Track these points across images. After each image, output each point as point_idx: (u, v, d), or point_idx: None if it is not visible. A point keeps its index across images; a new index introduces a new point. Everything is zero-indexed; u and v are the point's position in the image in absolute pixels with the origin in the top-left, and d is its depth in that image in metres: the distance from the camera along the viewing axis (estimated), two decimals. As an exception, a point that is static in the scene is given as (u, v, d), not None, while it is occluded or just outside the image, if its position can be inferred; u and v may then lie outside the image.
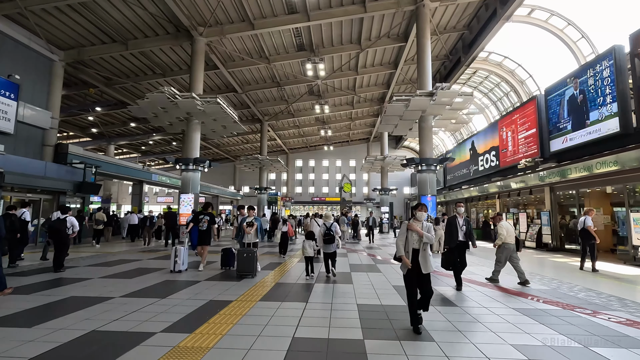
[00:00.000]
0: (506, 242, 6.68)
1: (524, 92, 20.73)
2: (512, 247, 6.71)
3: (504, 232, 6.67)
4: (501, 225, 6.81)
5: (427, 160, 14.80)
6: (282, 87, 23.65)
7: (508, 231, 6.69)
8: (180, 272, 7.74)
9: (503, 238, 6.68)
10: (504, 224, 6.82)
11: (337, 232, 7.20)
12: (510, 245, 6.70)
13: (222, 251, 8.52)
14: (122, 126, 28.20)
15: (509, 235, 6.69)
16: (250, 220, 7.62)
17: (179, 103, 13.93)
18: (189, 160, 15.46)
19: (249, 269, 7.20)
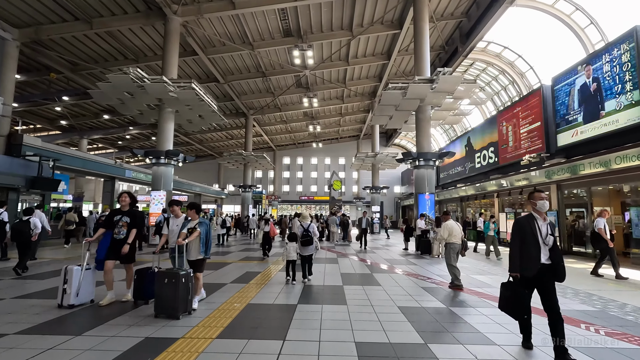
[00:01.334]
0: (451, 242, 6.49)
1: (524, 85, 19.67)
2: (457, 247, 6.50)
3: (445, 233, 6.50)
4: (444, 225, 6.62)
5: (425, 155, 13.48)
6: (268, 77, 22.06)
7: (452, 231, 6.49)
8: (72, 308, 4.77)
9: (443, 238, 6.55)
10: (448, 223, 6.61)
11: (314, 233, 6.77)
12: (456, 245, 6.49)
13: (136, 274, 5.12)
14: (94, 118, 26.11)
15: (453, 236, 6.47)
16: (193, 225, 4.86)
17: (147, 87, 12.25)
18: (159, 153, 13.77)
19: (172, 307, 4.35)
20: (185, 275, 4.45)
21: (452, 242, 6.47)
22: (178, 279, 4.36)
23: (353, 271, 8.34)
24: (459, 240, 6.51)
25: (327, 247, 14.63)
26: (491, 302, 5.41)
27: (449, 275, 7.59)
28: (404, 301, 5.40)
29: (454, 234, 6.47)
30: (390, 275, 7.82)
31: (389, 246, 15.51)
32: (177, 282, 4.36)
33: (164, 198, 13.87)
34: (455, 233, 6.49)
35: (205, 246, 4.91)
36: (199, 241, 4.83)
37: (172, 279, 4.38)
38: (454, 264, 6.49)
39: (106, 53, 17.95)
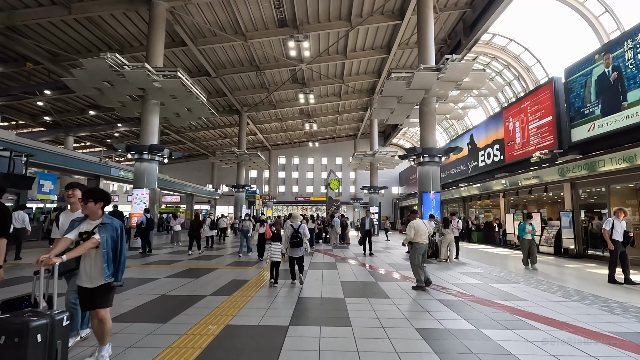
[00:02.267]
0: (416, 242, 6.29)
1: (530, 79, 18.80)
2: (424, 247, 6.33)
3: (412, 233, 6.29)
4: (410, 225, 6.42)
5: (430, 151, 12.49)
6: (262, 71, 21.01)
7: (418, 230, 6.31)
8: None
9: (410, 238, 6.34)
10: (414, 222, 6.40)
11: (305, 234, 6.42)
12: (422, 245, 6.31)
13: None
14: (79, 114, 24.87)
15: (419, 235, 6.28)
16: (92, 227, 2.93)
17: (127, 75, 11.15)
18: (142, 147, 12.67)
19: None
20: (52, 326, 2.39)
21: (418, 242, 6.26)
22: (26, 336, 2.22)
23: (354, 279, 7.30)
24: (425, 240, 6.33)
25: (325, 250, 13.59)
26: (528, 320, 4.39)
27: (466, 284, 6.62)
28: (422, 320, 4.37)
29: (420, 234, 6.28)
30: (398, 284, 6.79)
31: (389, 249, 14.50)
32: (22, 343, 2.22)
33: (147, 197, 12.76)
34: (422, 233, 6.30)
35: (115, 265, 2.96)
36: (100, 257, 2.87)
37: (13, 337, 2.22)
38: (417, 264, 6.26)
39: (88, 42, 16.80)
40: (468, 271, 8.57)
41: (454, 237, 10.53)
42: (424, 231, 6.31)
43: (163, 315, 4.36)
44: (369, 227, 12.12)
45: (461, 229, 11.07)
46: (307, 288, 6.24)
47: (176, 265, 8.99)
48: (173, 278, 7.03)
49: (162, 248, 13.36)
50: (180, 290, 5.92)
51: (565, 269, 9.57)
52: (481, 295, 5.83)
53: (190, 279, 6.91)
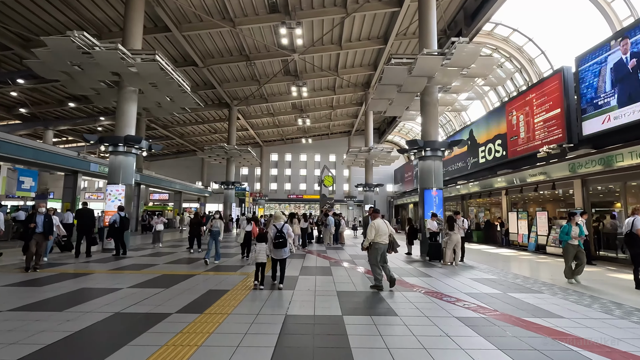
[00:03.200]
0: (376, 242, 6.14)
1: (533, 72, 17.97)
2: (382, 247, 6.18)
3: (372, 232, 6.13)
4: (371, 224, 6.27)
5: (432, 144, 11.53)
6: (252, 61, 19.84)
7: (378, 230, 6.15)
8: None
9: (370, 238, 6.15)
10: (375, 222, 6.25)
11: (289, 234, 6.17)
12: (380, 245, 6.16)
13: None
14: (58, 106, 23.43)
15: (379, 235, 6.14)
16: None
17: (97, 57, 9.96)
18: (117, 139, 11.48)
19: None
20: None
21: (378, 242, 6.13)
22: None
23: (353, 288, 6.28)
24: (385, 240, 6.19)
25: (318, 251, 12.58)
26: (579, 349, 3.42)
27: (483, 295, 5.67)
28: (446, 352, 3.37)
29: (380, 234, 6.13)
30: (404, 294, 5.79)
31: (388, 250, 13.54)
32: None
33: (122, 193, 11.58)
34: (382, 233, 6.15)
35: None
36: None
37: None
38: (375, 264, 6.17)
39: (63, 27, 15.43)
40: (479, 276, 7.63)
41: (460, 237, 9.59)
42: (384, 231, 6.18)
43: (100, 350, 3.28)
44: None
45: (467, 228, 10.13)
46: (297, 301, 5.22)
47: (149, 270, 7.88)
48: (139, 288, 5.94)
49: (142, 249, 12.20)
50: (141, 305, 4.85)
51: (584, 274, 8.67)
52: (505, 310, 4.86)
53: (159, 289, 5.83)
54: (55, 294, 5.40)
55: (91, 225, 10.09)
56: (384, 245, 6.18)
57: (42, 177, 27.06)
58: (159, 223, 12.74)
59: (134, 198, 26.52)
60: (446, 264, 9.53)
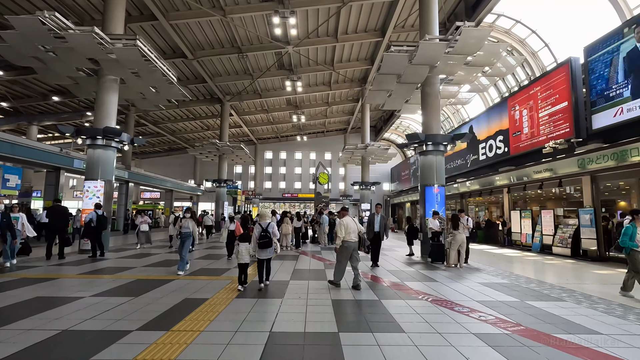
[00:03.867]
0: (345, 241, 6.06)
1: (536, 65, 17.35)
2: (352, 245, 6.11)
3: (342, 231, 6.05)
4: (340, 222, 6.19)
5: (434, 138, 10.82)
6: (245, 54, 19.00)
7: (347, 228, 6.08)
8: None
9: (341, 236, 6.04)
10: (344, 220, 6.17)
11: (274, 233, 6.00)
12: (350, 243, 6.09)
13: None
14: (41, 100, 22.41)
15: (348, 233, 6.06)
16: None
17: (70, 40, 9.11)
18: (95, 131, 10.63)
19: None
20: None
21: (347, 240, 6.06)
22: None
23: (350, 296, 5.53)
24: (354, 238, 6.11)
25: (312, 252, 11.83)
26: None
27: (498, 303, 4.96)
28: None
29: (349, 232, 6.08)
30: (409, 303, 5.06)
31: (386, 250, 12.82)
32: None
33: (101, 190, 10.74)
34: (351, 231, 6.09)
35: None
36: None
37: None
38: (344, 262, 6.15)
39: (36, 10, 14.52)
40: (488, 281, 6.92)
41: (465, 237, 8.90)
42: (353, 229, 6.12)
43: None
44: (380, 228, 8.33)
45: (472, 227, 9.44)
46: (285, 314, 4.46)
47: (123, 275, 7.08)
48: (103, 297, 5.15)
49: (123, 250, 11.37)
50: (97, 320, 4.06)
51: (601, 277, 8.01)
52: (530, 323, 4.14)
53: (127, 299, 5.04)
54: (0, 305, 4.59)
55: (64, 224, 9.23)
56: (353, 243, 6.09)
57: (26, 175, 26.05)
58: (144, 223, 11.87)
59: (121, 196, 25.71)
60: (450, 266, 8.82)
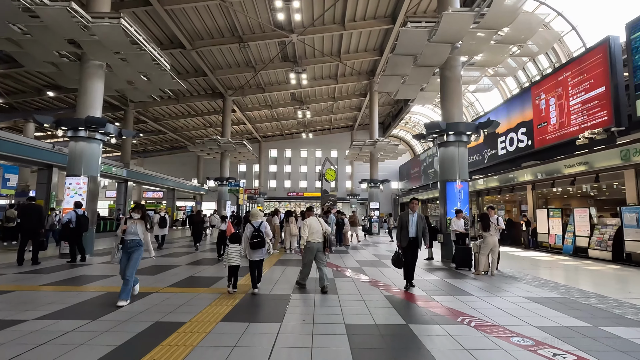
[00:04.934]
0: (308, 241, 5.86)
1: (562, 52, 15.96)
2: (316, 245, 5.86)
3: (306, 231, 5.86)
4: (304, 222, 6.00)
5: (456, 127, 9.58)
6: (246, 43, 17.88)
7: (311, 228, 5.89)
8: None
9: (305, 237, 5.85)
10: (307, 220, 5.99)
11: (267, 233, 5.59)
12: (313, 244, 5.86)
13: None
14: (36, 96, 21.55)
15: (312, 234, 5.87)
16: None
17: (43, 16, 8.02)
18: (76, 121, 9.58)
19: None
20: None
21: (310, 240, 5.91)
22: None
23: (370, 319, 4.30)
24: (317, 238, 5.93)
25: (318, 255, 10.64)
26: None
27: (570, 332, 3.70)
28: None
29: (313, 232, 5.93)
30: (447, 330, 3.84)
31: (400, 253, 11.60)
32: None
33: (84, 187, 9.67)
34: (314, 231, 5.94)
35: None
36: None
37: None
38: (308, 264, 5.98)
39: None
40: (534, 294, 5.68)
41: (497, 240, 7.65)
42: (317, 229, 5.95)
43: None
44: (418, 232, 5.93)
45: (504, 228, 8.18)
46: (284, 349, 3.28)
47: (94, 286, 5.97)
48: (52, 320, 4.01)
49: (106, 255, 10.28)
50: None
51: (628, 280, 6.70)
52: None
53: (80, 323, 3.90)
54: None
55: (38, 225, 8.16)
56: (317, 244, 5.89)
57: (24, 174, 25.28)
58: None
59: (120, 195, 24.81)
60: (480, 273, 7.57)
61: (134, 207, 5.10)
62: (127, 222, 4.98)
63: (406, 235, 5.92)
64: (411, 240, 5.92)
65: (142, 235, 4.96)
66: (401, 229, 6.03)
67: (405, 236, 5.94)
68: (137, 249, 4.91)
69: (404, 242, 5.95)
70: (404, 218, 6.01)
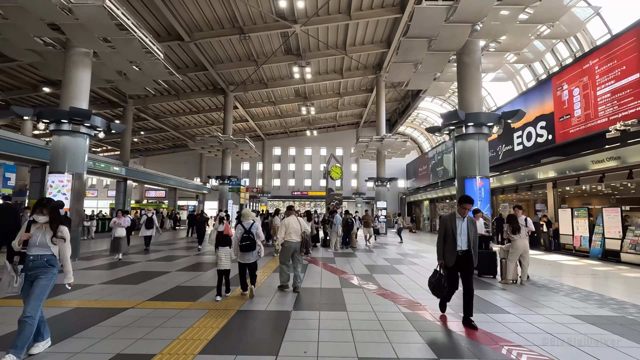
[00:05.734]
0: (286, 241, 5.81)
1: (584, 39, 14.88)
2: (293, 245, 5.84)
3: (282, 231, 5.80)
4: (282, 222, 5.95)
5: (476, 117, 8.65)
6: (247, 35, 17.00)
7: (288, 228, 5.82)
8: None
9: (281, 237, 5.77)
10: (285, 220, 5.93)
11: (258, 235, 5.38)
12: (291, 244, 5.83)
13: None
14: (33, 92, 20.91)
15: (289, 233, 5.81)
16: None
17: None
18: (59, 113, 8.79)
19: None
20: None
21: (287, 240, 5.78)
22: None
23: (387, 347, 3.41)
24: (295, 238, 5.82)
25: (324, 259, 9.76)
26: None
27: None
28: None
29: (290, 232, 5.80)
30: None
31: (410, 256, 10.68)
32: None
33: (69, 185, 8.88)
34: (292, 231, 5.81)
35: None
36: None
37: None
38: (287, 263, 5.88)
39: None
40: (582, 310, 4.74)
41: (527, 243, 6.70)
42: (295, 229, 5.88)
43: None
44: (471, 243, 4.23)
45: (533, 230, 7.23)
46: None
47: (61, 300, 5.15)
48: (-12, 350, 3.17)
49: (95, 258, 9.50)
50: None
51: None
52: None
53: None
54: None
55: (14, 229, 7.36)
56: (294, 243, 5.85)
57: (22, 173, 24.74)
58: (120, 226, 9.37)
59: (119, 195, 24.11)
60: (508, 282, 6.63)
61: (38, 204, 3.27)
62: (30, 228, 3.23)
63: (453, 248, 4.18)
64: (460, 254, 4.18)
65: (54, 250, 3.22)
66: (445, 239, 4.30)
67: (452, 250, 4.19)
68: (44, 272, 3.14)
69: (450, 260, 4.20)
70: (448, 224, 4.27)
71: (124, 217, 9.52)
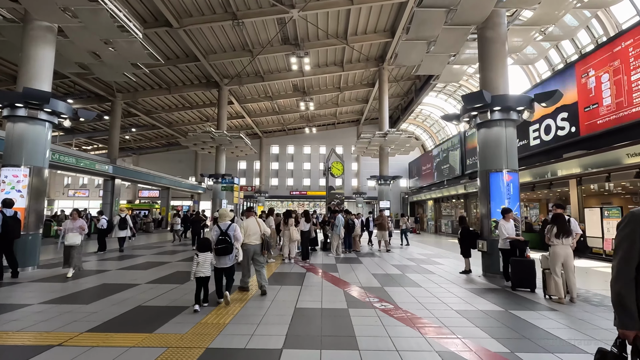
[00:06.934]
0: (244, 243, 5.54)
1: (609, 23, 13.62)
2: (252, 248, 5.65)
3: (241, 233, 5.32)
4: (240, 224, 5.66)
5: (503, 100, 7.38)
6: (240, 20, 15.68)
7: (247, 230, 5.67)
8: None
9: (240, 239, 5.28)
10: (244, 222, 5.79)
11: (236, 237, 5.05)
12: (249, 246, 5.62)
13: None
14: (13, 84, 19.50)
15: (248, 235, 5.63)
16: None
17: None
18: (12, 96, 7.49)
19: None
20: None
21: (246, 242, 5.58)
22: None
23: None
24: (254, 240, 5.66)
25: (324, 265, 8.45)
26: None
27: None
28: None
29: (249, 234, 5.64)
30: None
31: (424, 262, 9.38)
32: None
33: (25, 181, 7.57)
34: (251, 233, 5.66)
35: None
36: None
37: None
38: (246, 266, 5.77)
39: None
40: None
41: (572, 252, 5.42)
42: (255, 231, 5.68)
43: None
44: None
45: (581, 233, 5.94)
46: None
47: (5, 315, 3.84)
48: None
49: (56, 267, 8.16)
50: None
51: None
52: None
53: None
54: None
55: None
56: (253, 246, 5.66)
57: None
58: (71, 231, 7.13)
59: (106, 194, 22.74)
60: (552, 296, 5.34)
61: None
62: None
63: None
64: None
65: None
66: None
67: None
68: None
69: None
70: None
71: (78, 220, 7.36)
